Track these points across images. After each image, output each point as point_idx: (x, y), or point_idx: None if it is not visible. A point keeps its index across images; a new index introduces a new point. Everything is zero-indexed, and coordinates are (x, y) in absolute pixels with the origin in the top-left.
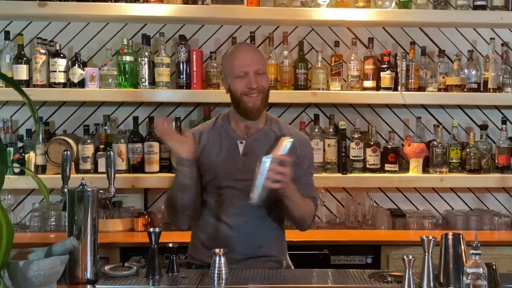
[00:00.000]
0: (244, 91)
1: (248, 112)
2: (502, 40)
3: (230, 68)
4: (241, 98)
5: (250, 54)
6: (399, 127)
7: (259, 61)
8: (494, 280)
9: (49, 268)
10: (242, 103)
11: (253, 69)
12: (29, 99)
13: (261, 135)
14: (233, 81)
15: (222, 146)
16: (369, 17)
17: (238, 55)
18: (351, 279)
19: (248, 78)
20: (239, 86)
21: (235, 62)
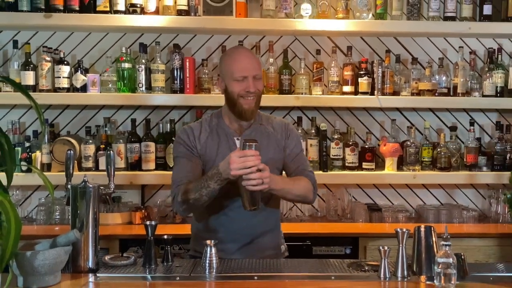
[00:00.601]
0: (242, 94)
1: (243, 113)
2: (470, 49)
3: (229, 71)
4: (238, 99)
5: (250, 59)
6: (375, 128)
7: (257, 67)
8: (462, 269)
9: (54, 258)
10: (238, 104)
11: (252, 74)
12: (35, 102)
13: (253, 131)
14: (232, 83)
15: (220, 143)
16: (348, 28)
17: (239, 59)
18: (331, 268)
19: (246, 82)
20: (237, 89)
21: (235, 66)
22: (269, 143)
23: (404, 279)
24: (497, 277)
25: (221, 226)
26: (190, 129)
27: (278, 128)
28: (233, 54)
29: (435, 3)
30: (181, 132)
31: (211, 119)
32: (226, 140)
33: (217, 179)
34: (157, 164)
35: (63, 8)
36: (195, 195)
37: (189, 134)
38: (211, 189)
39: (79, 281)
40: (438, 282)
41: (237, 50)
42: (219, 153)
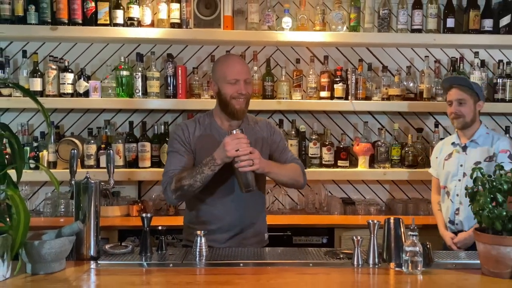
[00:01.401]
0: (234, 95)
1: (235, 113)
2: (435, 58)
3: (223, 74)
4: (230, 101)
5: (242, 65)
6: (349, 130)
7: (248, 72)
8: (428, 256)
9: (59, 247)
10: (231, 105)
11: (243, 77)
12: (42, 107)
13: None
14: (225, 86)
15: (213, 141)
16: (325, 39)
17: (232, 64)
18: (309, 256)
19: (238, 85)
20: (229, 91)
21: (228, 70)
22: (257, 140)
23: (375, 266)
24: (459, 264)
25: (212, 218)
26: (185, 125)
27: (263, 127)
28: (227, 60)
29: (403, 17)
30: (177, 128)
31: (204, 119)
32: (219, 138)
33: (211, 165)
34: (152, 162)
35: (67, 21)
36: (190, 181)
37: (184, 130)
38: (205, 174)
39: (82, 268)
40: (406, 269)
41: (230, 56)
42: (211, 151)
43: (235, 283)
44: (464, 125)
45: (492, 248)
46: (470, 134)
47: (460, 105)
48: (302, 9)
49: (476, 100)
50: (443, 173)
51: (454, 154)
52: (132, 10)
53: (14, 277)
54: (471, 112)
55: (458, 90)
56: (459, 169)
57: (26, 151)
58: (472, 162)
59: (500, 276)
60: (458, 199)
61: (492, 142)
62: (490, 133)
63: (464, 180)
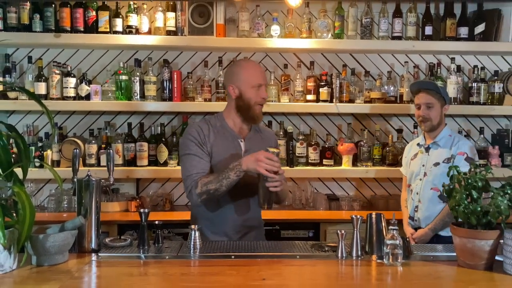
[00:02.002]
0: (258, 101)
1: (255, 118)
2: (414, 63)
3: (246, 79)
4: (254, 106)
5: (261, 69)
6: (334, 130)
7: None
8: (407, 249)
9: (62, 240)
10: (253, 110)
11: (265, 82)
12: (47, 109)
13: (252, 135)
14: (249, 90)
15: (226, 144)
16: (311, 46)
17: (255, 69)
18: (297, 249)
19: (262, 90)
20: (253, 95)
21: (253, 73)
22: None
23: (358, 258)
24: (437, 256)
25: (217, 222)
26: (199, 127)
27: (270, 138)
28: (249, 64)
29: (384, 25)
30: (191, 130)
31: (215, 121)
32: (232, 141)
33: (236, 171)
34: (149, 161)
35: (70, 29)
36: (216, 186)
37: (199, 132)
38: (231, 180)
39: (83, 260)
40: (387, 261)
41: (251, 61)
42: (226, 154)
43: (227, 274)
44: (431, 128)
45: (468, 241)
46: (434, 136)
47: (428, 109)
48: (290, 18)
49: (443, 104)
50: (409, 172)
51: (419, 155)
52: (130, 18)
53: (20, 268)
54: (438, 115)
55: (426, 94)
56: (421, 168)
57: (31, 150)
58: (432, 162)
59: (475, 268)
60: (418, 197)
61: (452, 144)
62: (452, 135)
63: (425, 180)
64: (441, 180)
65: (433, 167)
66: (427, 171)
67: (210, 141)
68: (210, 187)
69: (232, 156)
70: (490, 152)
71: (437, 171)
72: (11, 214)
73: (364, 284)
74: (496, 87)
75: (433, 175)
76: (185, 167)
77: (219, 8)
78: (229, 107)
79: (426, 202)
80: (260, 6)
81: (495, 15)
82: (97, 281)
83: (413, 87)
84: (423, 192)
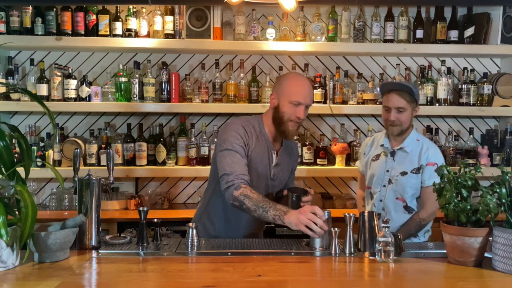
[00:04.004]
0: (292, 118)
1: (287, 134)
2: (405, 65)
3: (288, 92)
4: (287, 122)
5: (310, 90)
6: (327, 131)
7: (312, 97)
8: (399, 246)
9: (64, 237)
10: (285, 126)
11: (307, 103)
12: (48, 110)
13: (284, 149)
14: (286, 104)
15: (263, 153)
16: (305, 48)
17: (301, 85)
18: (291, 246)
19: (300, 109)
20: (289, 111)
21: (296, 89)
22: (289, 162)
23: (351, 255)
24: (427, 253)
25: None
26: (243, 128)
27: (294, 149)
28: (297, 79)
29: (376, 28)
30: (237, 127)
31: (255, 125)
32: (267, 151)
33: (277, 218)
34: (148, 161)
35: (71, 32)
36: (251, 207)
37: (245, 133)
38: (265, 216)
39: (84, 257)
40: (379, 257)
41: (301, 77)
42: (261, 162)
43: (223, 270)
44: (400, 132)
45: (458, 238)
46: (400, 140)
47: (399, 113)
48: (285, 21)
49: (414, 107)
50: (369, 173)
51: (382, 157)
52: (130, 22)
53: (23, 265)
54: (409, 119)
55: (398, 97)
56: (385, 174)
57: (33, 150)
58: (399, 171)
59: (464, 264)
60: (381, 205)
61: (421, 151)
62: (420, 139)
63: (389, 187)
64: (408, 191)
65: (400, 176)
66: (393, 179)
67: (252, 144)
68: (247, 203)
69: (265, 166)
70: (480, 152)
71: (404, 181)
72: (13, 212)
73: (357, 280)
74: (485, 89)
75: (399, 184)
76: (227, 162)
77: (216, 12)
78: (268, 114)
79: (390, 212)
80: (256, 10)
81: (484, 19)
82: (97, 277)
83: (384, 87)
84: (387, 200)
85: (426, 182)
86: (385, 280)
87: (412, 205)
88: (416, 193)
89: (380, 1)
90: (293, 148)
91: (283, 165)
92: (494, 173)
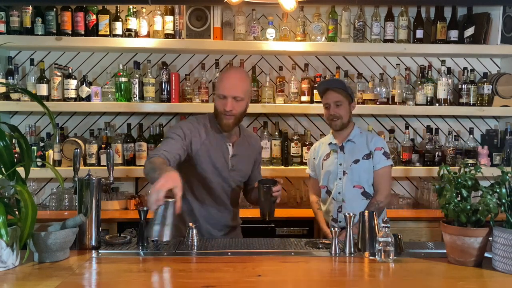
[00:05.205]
0: (221, 111)
1: (223, 127)
2: (405, 65)
3: (217, 87)
4: (219, 115)
5: (235, 81)
6: (327, 131)
7: (239, 89)
8: (399, 246)
9: (64, 237)
10: (219, 119)
11: (231, 95)
12: (48, 110)
13: (241, 141)
14: (216, 99)
15: (216, 146)
16: (305, 48)
17: (225, 79)
18: (291, 246)
19: (226, 102)
20: (218, 105)
21: (221, 83)
22: (250, 156)
23: (351, 255)
24: (427, 253)
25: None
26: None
27: (256, 144)
28: (224, 73)
29: (376, 28)
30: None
31: (207, 121)
32: (221, 143)
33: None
34: None
35: (71, 32)
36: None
37: (190, 127)
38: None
39: (84, 256)
40: (379, 257)
41: (230, 71)
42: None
43: (223, 270)
44: (341, 126)
45: (458, 238)
46: (345, 135)
47: (337, 107)
48: (285, 21)
49: (350, 102)
50: (322, 173)
51: (332, 154)
52: (130, 22)
53: (23, 265)
54: (347, 113)
55: (334, 93)
56: (338, 168)
57: (33, 150)
58: (351, 160)
59: (464, 264)
60: (340, 197)
61: (367, 141)
62: (363, 132)
63: (345, 178)
64: (363, 176)
65: (353, 165)
66: (347, 169)
67: (200, 141)
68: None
69: (219, 158)
70: (480, 152)
71: (358, 168)
72: (13, 212)
73: (357, 280)
74: (485, 89)
75: (354, 172)
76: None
77: (216, 12)
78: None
79: (350, 201)
80: (256, 10)
81: (484, 19)
82: (97, 277)
83: (320, 86)
84: (345, 191)
85: (377, 165)
86: (385, 280)
87: (370, 191)
88: (370, 178)
89: (380, 1)
90: (252, 141)
91: (241, 156)
92: (494, 173)
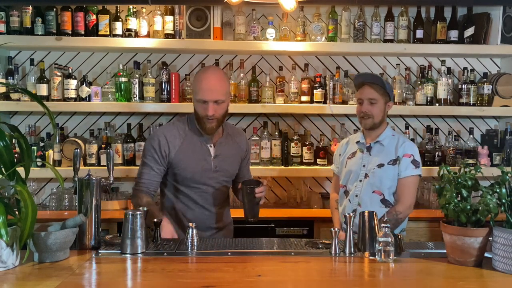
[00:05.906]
0: (203, 116)
1: (204, 130)
2: (405, 65)
3: (195, 91)
4: (201, 119)
5: (214, 84)
6: (327, 131)
7: (220, 92)
8: (399, 246)
9: (64, 237)
10: (201, 123)
11: (212, 99)
12: (48, 110)
13: (224, 140)
14: (196, 103)
15: (195, 149)
16: (305, 48)
17: (204, 82)
18: (291, 246)
19: (207, 106)
20: (199, 110)
21: (199, 87)
22: (236, 154)
23: (351, 255)
24: (427, 253)
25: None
26: (163, 136)
27: (242, 142)
28: (201, 75)
29: (376, 28)
30: (154, 140)
31: (184, 125)
32: (200, 146)
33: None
34: None
35: (71, 32)
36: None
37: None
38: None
39: (84, 256)
40: (379, 257)
41: (205, 72)
42: (193, 159)
43: (223, 270)
44: (372, 126)
45: (458, 238)
46: (375, 135)
47: (371, 105)
48: (285, 21)
49: (387, 101)
50: (344, 171)
51: (358, 154)
52: (130, 22)
53: (23, 265)
54: (381, 112)
55: (370, 89)
56: (361, 169)
57: (33, 150)
58: (376, 164)
59: (464, 264)
60: (357, 200)
61: (397, 145)
62: (395, 135)
63: (366, 182)
64: (385, 183)
65: (377, 169)
66: (369, 172)
67: (176, 148)
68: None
69: (199, 161)
70: (480, 152)
71: (381, 173)
72: (13, 212)
73: (357, 280)
74: (485, 89)
75: (376, 177)
76: (139, 171)
77: (216, 12)
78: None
79: (366, 206)
80: (256, 10)
81: (484, 19)
82: (97, 277)
83: (357, 79)
84: (363, 195)
85: (402, 173)
86: (385, 280)
87: (390, 199)
88: (393, 185)
89: (380, 1)
90: (237, 138)
91: (225, 156)
92: (494, 173)
